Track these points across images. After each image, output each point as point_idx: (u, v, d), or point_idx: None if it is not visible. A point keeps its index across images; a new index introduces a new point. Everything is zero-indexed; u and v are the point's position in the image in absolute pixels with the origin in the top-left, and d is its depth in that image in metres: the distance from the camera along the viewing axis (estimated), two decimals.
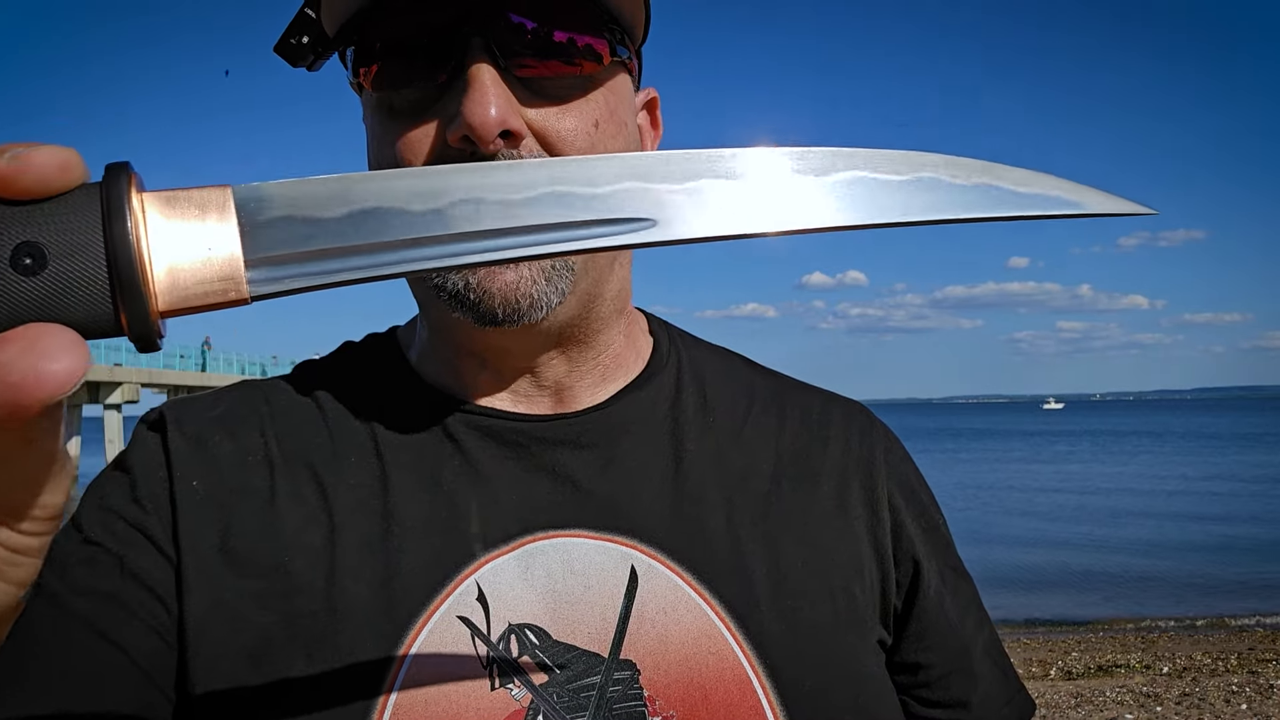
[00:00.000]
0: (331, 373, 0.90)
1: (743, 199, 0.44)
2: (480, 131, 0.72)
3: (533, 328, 0.80)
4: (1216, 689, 7.55)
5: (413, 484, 0.81)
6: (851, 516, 0.89)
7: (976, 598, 0.98)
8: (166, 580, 0.76)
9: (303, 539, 0.78)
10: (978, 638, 0.94)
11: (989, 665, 0.94)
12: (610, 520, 0.81)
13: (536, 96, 0.77)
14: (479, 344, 0.84)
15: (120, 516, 0.78)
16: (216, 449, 0.82)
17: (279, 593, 0.76)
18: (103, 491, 0.81)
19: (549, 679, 0.74)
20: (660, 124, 0.95)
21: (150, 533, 0.78)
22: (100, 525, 0.78)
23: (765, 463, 0.89)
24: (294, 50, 0.85)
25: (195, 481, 0.80)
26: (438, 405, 0.86)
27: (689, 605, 0.78)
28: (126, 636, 0.73)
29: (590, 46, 0.78)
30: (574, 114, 0.78)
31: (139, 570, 0.76)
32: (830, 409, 0.97)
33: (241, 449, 0.83)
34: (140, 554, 0.77)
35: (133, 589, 0.75)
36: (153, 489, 0.80)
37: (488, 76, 0.73)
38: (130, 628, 0.73)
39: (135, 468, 0.81)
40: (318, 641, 0.74)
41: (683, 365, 0.94)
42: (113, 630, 0.73)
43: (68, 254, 0.38)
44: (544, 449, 0.84)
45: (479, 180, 0.43)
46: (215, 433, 0.83)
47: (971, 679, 0.92)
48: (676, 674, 0.76)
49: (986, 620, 0.98)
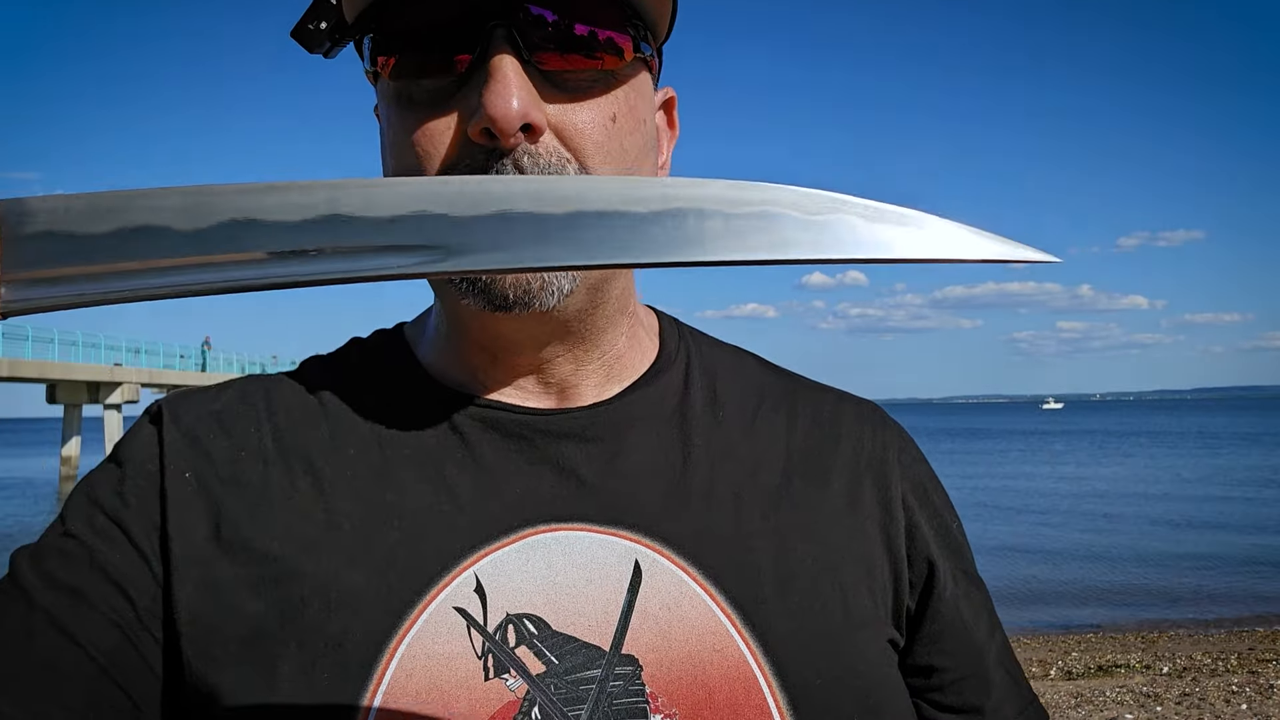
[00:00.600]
0: (336, 368, 0.90)
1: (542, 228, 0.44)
2: (502, 124, 0.71)
3: (543, 316, 0.79)
4: (1216, 689, 7.54)
5: (414, 475, 0.80)
6: (863, 515, 0.87)
7: (989, 603, 0.96)
8: (137, 576, 0.75)
9: (296, 528, 0.77)
10: (990, 644, 0.93)
11: (1002, 673, 0.93)
12: (614, 514, 0.80)
13: (556, 90, 0.76)
14: (489, 334, 0.83)
15: (101, 509, 0.78)
16: (211, 443, 0.82)
17: (271, 580, 0.75)
18: (91, 483, 0.81)
19: (546, 670, 0.73)
20: (677, 124, 0.94)
21: (126, 527, 0.77)
22: (81, 518, 0.78)
23: (775, 459, 0.88)
24: (311, 36, 0.84)
25: (188, 473, 0.79)
26: (443, 399, 0.85)
27: (694, 601, 0.77)
28: (85, 631, 0.72)
29: (612, 41, 0.77)
30: (591, 108, 0.77)
31: (107, 564, 0.75)
32: (842, 407, 0.95)
33: (236, 444, 0.82)
34: (112, 548, 0.76)
35: (97, 582, 0.74)
36: (140, 482, 0.79)
37: (510, 68, 0.72)
38: (90, 622, 0.73)
39: (127, 461, 0.81)
40: (309, 630, 0.73)
41: (692, 362, 0.93)
42: (72, 624, 0.72)
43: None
44: (548, 442, 0.83)
45: (252, 202, 0.42)
46: (211, 426, 0.83)
47: (986, 685, 0.90)
48: (680, 671, 0.74)
49: (999, 626, 0.96)
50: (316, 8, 0.83)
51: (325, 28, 0.83)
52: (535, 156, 0.73)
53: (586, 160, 0.76)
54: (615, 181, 0.45)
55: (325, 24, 0.83)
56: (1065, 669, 8.42)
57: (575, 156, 0.76)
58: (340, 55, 0.86)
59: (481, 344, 0.85)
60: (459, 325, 0.86)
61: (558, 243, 0.43)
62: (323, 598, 0.74)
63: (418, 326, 0.93)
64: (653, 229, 0.43)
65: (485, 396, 0.85)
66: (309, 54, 0.84)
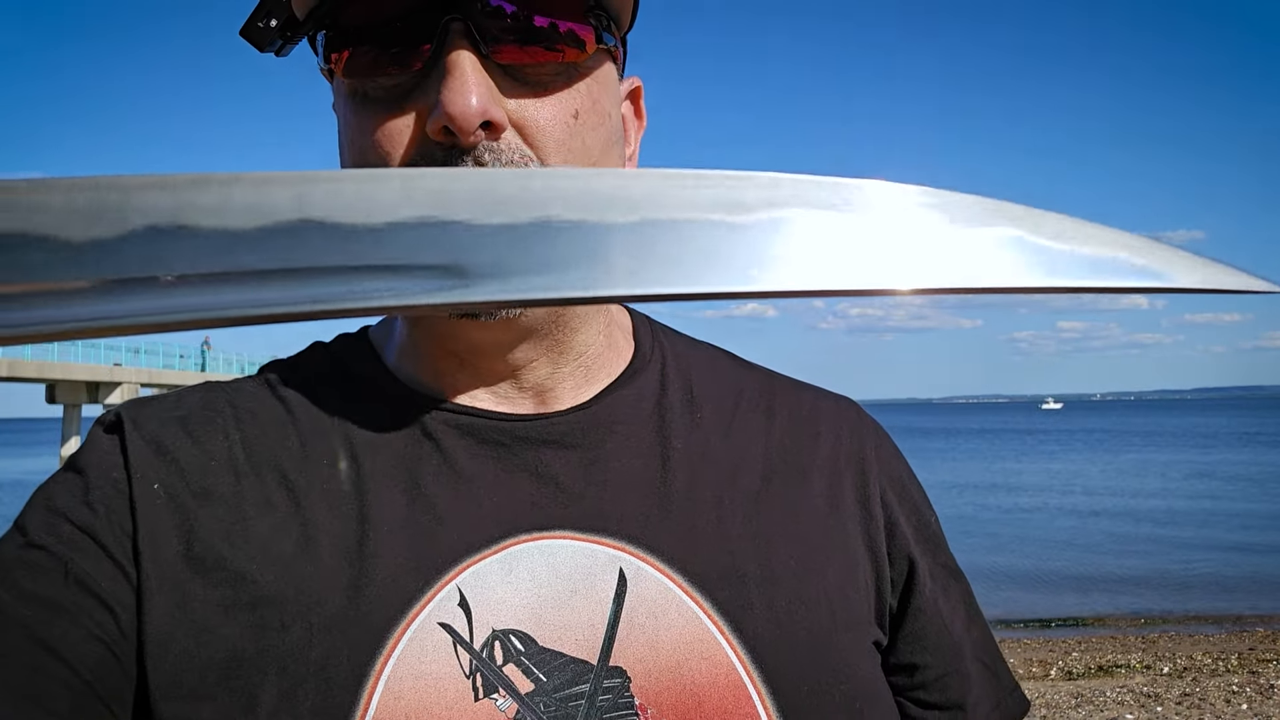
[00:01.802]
0: (301, 373, 0.87)
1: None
2: (461, 122, 0.69)
3: (510, 321, 0.77)
4: (1217, 689, 7.54)
5: (389, 486, 0.78)
6: (844, 514, 0.86)
7: (967, 596, 0.96)
8: (116, 588, 0.72)
9: (272, 546, 0.74)
10: (966, 638, 0.92)
11: (979, 667, 0.92)
12: (596, 521, 0.78)
13: (517, 84, 0.74)
14: (458, 341, 0.82)
15: (67, 519, 0.74)
16: (178, 451, 0.78)
17: (247, 603, 0.72)
18: (50, 493, 0.77)
19: (535, 688, 0.72)
20: (644, 114, 0.92)
21: (99, 537, 0.74)
22: (45, 528, 0.74)
23: (755, 460, 0.86)
24: (261, 34, 0.81)
25: (156, 484, 0.76)
26: (415, 405, 0.83)
27: (680, 608, 0.76)
28: (68, 645, 0.69)
29: (574, 33, 0.75)
30: (553, 104, 0.75)
31: (83, 575, 0.72)
32: (820, 405, 0.94)
33: (205, 451, 0.79)
34: (86, 558, 0.73)
35: (76, 594, 0.71)
36: (106, 492, 0.76)
37: (468, 63, 0.70)
38: (73, 636, 0.70)
39: (88, 469, 0.77)
40: (289, 655, 0.70)
41: (667, 362, 0.92)
42: (53, 638, 0.69)
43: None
44: (526, 448, 0.81)
45: (179, 200, 0.29)
46: (177, 434, 0.79)
47: (966, 680, 0.90)
48: (668, 680, 0.73)
49: (976, 621, 0.95)
50: (265, 4, 0.80)
51: (275, 25, 0.80)
52: (497, 153, 0.72)
53: (547, 157, 0.74)
54: (682, 176, 0.33)
55: (275, 21, 0.80)
56: (1065, 669, 8.41)
57: (536, 153, 0.74)
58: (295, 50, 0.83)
59: (450, 350, 0.83)
60: (424, 331, 0.84)
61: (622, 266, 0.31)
62: (303, 620, 0.71)
63: (383, 329, 0.91)
64: (753, 236, 0.32)
65: (459, 402, 0.83)
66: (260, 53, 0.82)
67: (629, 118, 0.90)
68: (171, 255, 0.28)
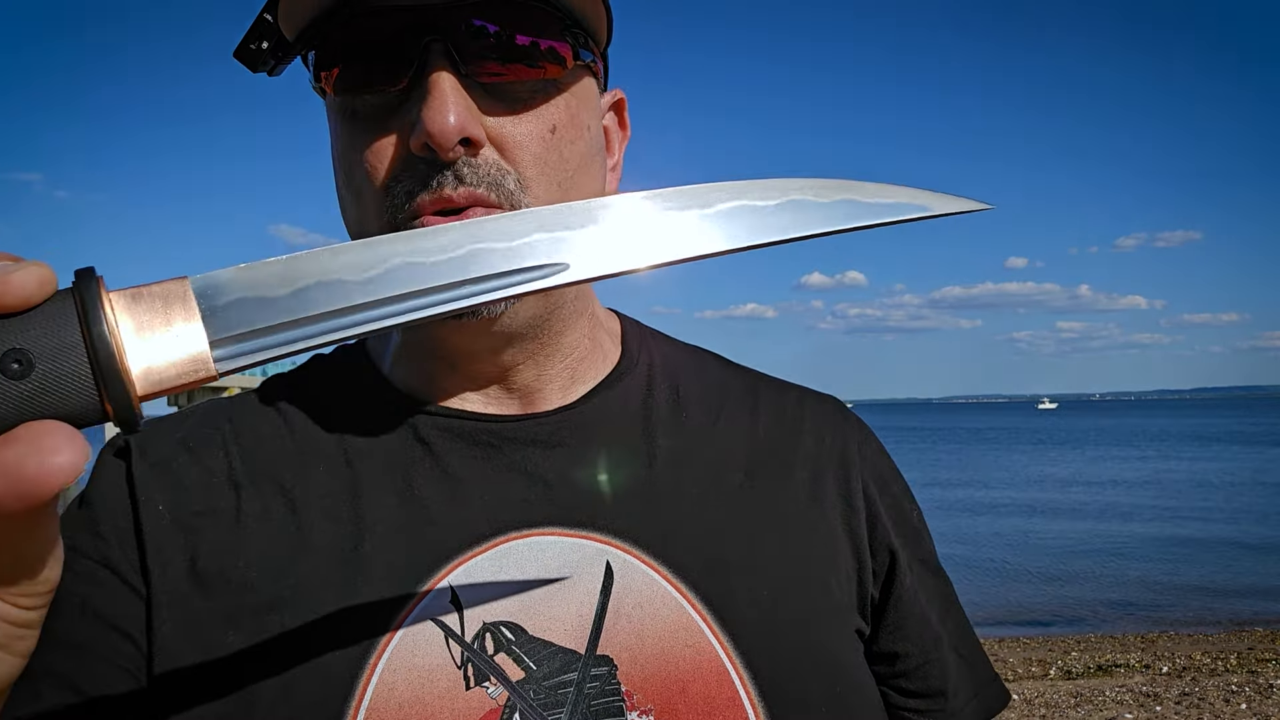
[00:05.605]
0: (299, 385, 0.90)
1: (638, 237, 0.51)
2: (439, 140, 0.72)
3: (494, 323, 0.80)
4: (1216, 689, 7.55)
5: (383, 490, 0.81)
6: (826, 507, 0.89)
7: (945, 588, 0.98)
8: (133, 614, 0.76)
9: (271, 554, 0.78)
10: (943, 629, 0.95)
11: (955, 658, 0.95)
12: (584, 517, 0.81)
13: (496, 102, 0.77)
14: (445, 345, 0.84)
15: (82, 554, 0.78)
16: (180, 471, 0.82)
17: (249, 610, 0.75)
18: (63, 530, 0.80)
19: (525, 676, 0.74)
20: (628, 125, 0.95)
21: (114, 565, 0.77)
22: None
23: (739, 456, 0.89)
24: (254, 56, 0.84)
25: (160, 506, 0.80)
26: (407, 410, 0.86)
27: (665, 599, 0.78)
28: (96, 684, 0.73)
29: (553, 50, 0.78)
30: (530, 120, 0.78)
31: (102, 611, 0.76)
32: (803, 403, 0.97)
33: (206, 470, 0.82)
34: (103, 591, 0.76)
35: (99, 631, 0.75)
36: (115, 520, 0.80)
37: (447, 84, 0.73)
38: (98, 675, 0.73)
39: (96, 501, 0.81)
40: (289, 655, 0.73)
41: (654, 363, 0.95)
42: (85, 682, 0.73)
43: (52, 356, 0.43)
44: (515, 448, 0.84)
45: (408, 247, 0.49)
46: (178, 455, 0.83)
47: (944, 670, 0.93)
48: (654, 668, 0.75)
49: (953, 612, 0.98)
50: (257, 28, 0.83)
51: (267, 47, 0.83)
52: (475, 168, 0.75)
53: (525, 171, 0.77)
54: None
55: (266, 43, 0.83)
56: (1065, 669, 8.42)
57: (515, 168, 0.77)
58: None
59: (439, 354, 0.86)
60: (414, 336, 0.87)
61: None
62: (300, 621, 0.74)
63: (380, 339, 0.94)
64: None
65: (450, 405, 0.86)
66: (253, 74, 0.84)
67: (612, 129, 0.93)
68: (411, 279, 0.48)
